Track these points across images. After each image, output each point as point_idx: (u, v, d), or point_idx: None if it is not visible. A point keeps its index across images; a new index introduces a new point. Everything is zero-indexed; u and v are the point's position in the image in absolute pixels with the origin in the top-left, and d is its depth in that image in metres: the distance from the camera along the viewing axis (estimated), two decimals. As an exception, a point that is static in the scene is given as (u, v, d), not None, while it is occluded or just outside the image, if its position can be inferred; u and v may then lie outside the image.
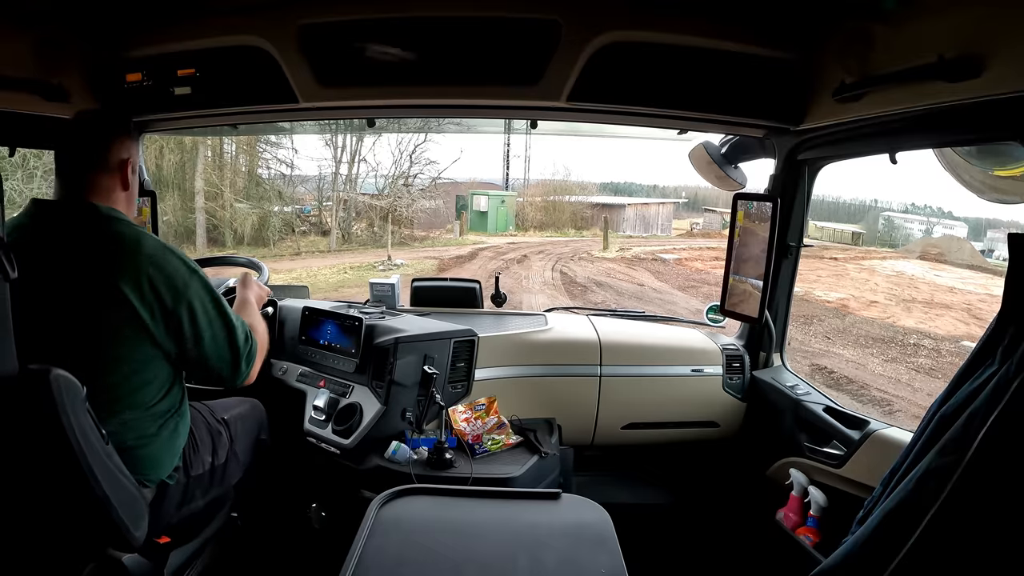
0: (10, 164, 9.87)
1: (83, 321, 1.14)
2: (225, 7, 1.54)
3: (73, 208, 1.20)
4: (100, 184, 1.22)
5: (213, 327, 1.25)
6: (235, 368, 1.30)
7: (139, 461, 1.21)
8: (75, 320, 1.14)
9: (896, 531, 0.86)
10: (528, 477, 1.65)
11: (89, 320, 1.14)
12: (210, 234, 14.53)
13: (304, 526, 1.78)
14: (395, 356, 1.74)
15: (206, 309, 1.23)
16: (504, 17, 1.48)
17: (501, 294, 2.30)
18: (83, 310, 1.14)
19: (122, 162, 1.25)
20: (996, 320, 0.90)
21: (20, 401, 0.99)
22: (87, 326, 1.14)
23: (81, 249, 1.16)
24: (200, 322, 1.22)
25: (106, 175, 1.23)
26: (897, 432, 1.50)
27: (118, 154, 1.24)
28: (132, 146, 1.29)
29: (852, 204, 23.49)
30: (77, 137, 1.24)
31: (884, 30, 1.22)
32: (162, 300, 1.17)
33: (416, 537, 1.00)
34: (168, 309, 1.18)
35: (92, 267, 1.14)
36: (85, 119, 1.27)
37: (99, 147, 1.23)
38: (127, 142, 1.27)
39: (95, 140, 1.23)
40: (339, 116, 1.99)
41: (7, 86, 1.40)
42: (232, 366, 1.29)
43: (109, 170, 1.23)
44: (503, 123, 3.63)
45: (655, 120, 1.70)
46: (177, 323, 1.20)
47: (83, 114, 1.30)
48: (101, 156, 1.22)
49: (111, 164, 1.23)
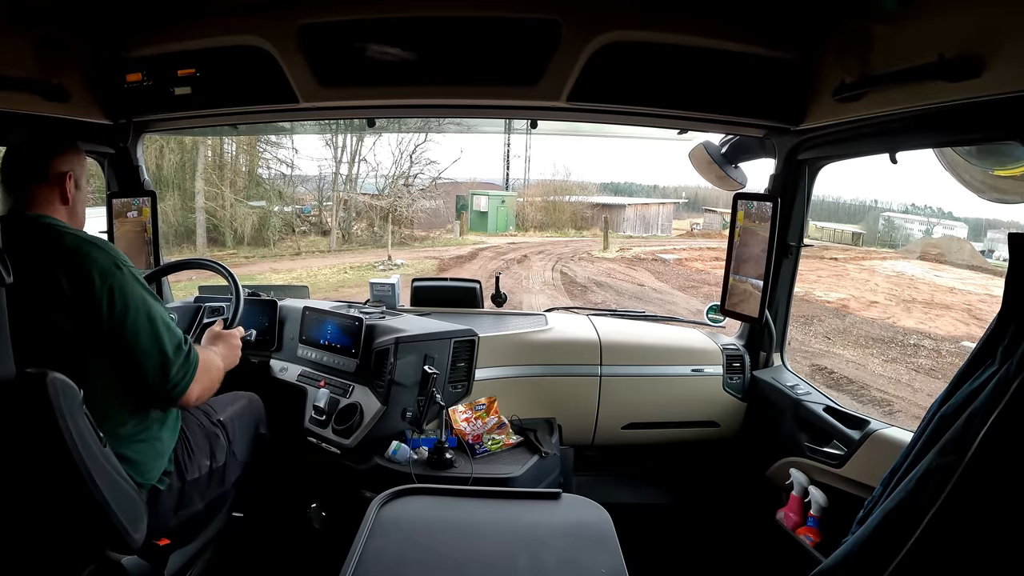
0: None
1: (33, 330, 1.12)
2: (225, 7, 1.54)
3: (17, 222, 1.21)
4: (40, 196, 1.24)
5: (137, 319, 1.18)
6: (163, 372, 1.20)
7: (122, 463, 1.19)
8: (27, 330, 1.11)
9: (896, 531, 0.86)
10: (528, 477, 1.65)
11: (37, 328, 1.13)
12: (210, 234, 14.54)
13: (304, 526, 1.78)
14: (395, 356, 1.74)
15: (129, 299, 1.18)
16: (504, 17, 1.48)
17: (501, 294, 2.30)
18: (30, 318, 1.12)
19: (61, 175, 1.26)
20: (996, 320, 0.90)
21: (18, 404, 0.99)
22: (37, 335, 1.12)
23: (22, 259, 1.13)
24: (117, 309, 1.16)
25: (45, 188, 1.25)
26: (897, 432, 1.50)
27: (57, 167, 1.26)
28: (75, 160, 1.30)
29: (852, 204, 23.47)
30: (19, 151, 1.28)
31: (884, 30, 1.22)
32: (84, 291, 1.15)
33: (416, 537, 1.00)
34: (90, 300, 1.15)
35: (38, 275, 1.14)
36: (29, 135, 1.31)
37: (38, 161, 1.25)
38: (69, 157, 1.29)
39: (35, 154, 1.26)
40: (339, 116, 1.99)
41: (7, 86, 1.40)
42: (159, 369, 1.20)
43: (48, 183, 1.25)
44: (503, 123, 3.62)
45: (655, 120, 1.70)
46: (96, 310, 1.15)
47: (29, 129, 1.33)
48: (40, 170, 1.25)
49: (50, 177, 1.25)
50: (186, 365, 1.24)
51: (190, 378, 1.25)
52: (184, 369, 1.24)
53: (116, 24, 1.60)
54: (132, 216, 2.03)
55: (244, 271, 11.60)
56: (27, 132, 1.32)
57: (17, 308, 1.08)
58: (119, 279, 1.18)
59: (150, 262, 2.05)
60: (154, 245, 2.06)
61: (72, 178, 1.28)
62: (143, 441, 1.26)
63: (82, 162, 1.33)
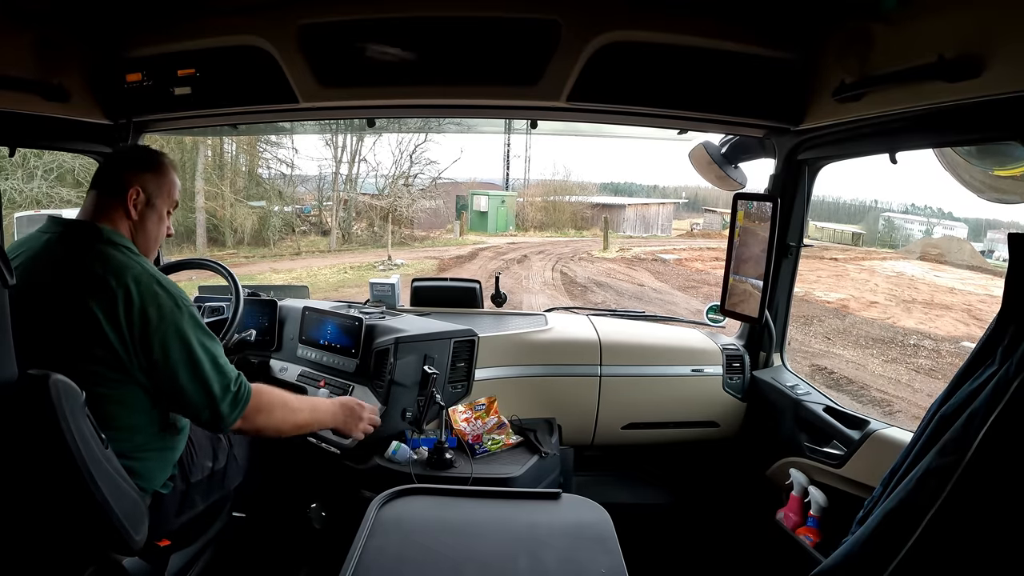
0: (10, 164, 9.89)
1: (63, 334, 1.14)
2: (225, 7, 1.54)
3: (78, 226, 1.25)
4: (108, 209, 1.28)
5: (190, 366, 1.20)
6: (214, 413, 1.24)
7: (129, 472, 1.19)
8: (58, 332, 1.14)
9: (896, 531, 0.86)
10: (528, 477, 1.65)
11: (67, 334, 1.14)
12: (210, 234, 14.54)
13: (304, 526, 1.78)
14: (395, 356, 1.74)
15: (185, 345, 1.20)
16: (504, 17, 1.48)
17: (501, 294, 2.30)
18: (62, 323, 1.14)
19: (130, 190, 1.28)
20: (996, 320, 0.90)
21: (20, 406, 0.99)
22: (66, 339, 1.14)
23: (69, 264, 1.18)
24: (174, 358, 1.18)
25: (114, 201, 1.28)
26: (897, 432, 1.50)
27: (128, 183, 1.28)
28: (148, 178, 1.31)
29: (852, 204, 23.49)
30: (104, 164, 1.34)
31: (884, 30, 1.22)
32: (135, 330, 1.15)
33: (416, 537, 1.00)
34: (142, 340, 1.16)
35: (72, 283, 1.15)
36: (117, 150, 1.39)
37: (114, 175, 1.30)
38: (143, 175, 1.30)
39: (111, 169, 1.32)
40: (339, 116, 1.99)
41: (7, 86, 1.40)
42: (210, 411, 1.23)
43: (116, 197, 1.28)
44: (503, 123, 3.62)
45: (655, 120, 1.70)
46: (149, 355, 1.17)
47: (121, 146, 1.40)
48: (113, 184, 1.29)
49: (119, 191, 1.28)
50: (234, 403, 1.26)
51: (238, 413, 1.26)
52: (232, 407, 1.25)
53: (116, 24, 1.60)
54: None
55: (244, 271, 11.60)
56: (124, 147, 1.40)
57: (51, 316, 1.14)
58: (177, 323, 1.19)
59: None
60: (154, 245, 2.06)
61: (140, 193, 1.29)
62: (157, 451, 1.27)
63: (159, 181, 1.33)
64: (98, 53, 1.61)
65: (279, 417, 1.36)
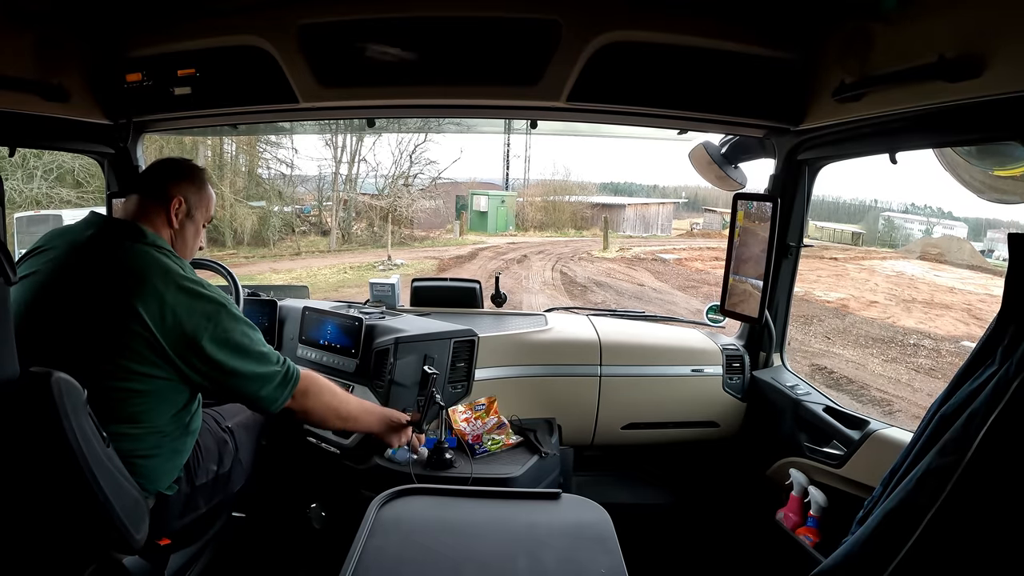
0: (10, 164, 9.88)
1: (98, 327, 1.15)
2: (225, 7, 1.54)
3: (123, 225, 1.29)
4: (150, 214, 1.32)
5: (238, 358, 1.24)
6: (266, 397, 1.28)
7: (135, 472, 1.20)
8: (92, 324, 1.16)
9: (896, 531, 0.86)
10: (528, 477, 1.65)
11: (103, 327, 1.15)
12: (210, 234, 14.36)
13: (304, 526, 1.78)
14: (395, 356, 1.74)
15: (230, 341, 1.23)
16: (504, 17, 1.48)
17: (501, 294, 2.30)
18: (100, 316, 1.16)
19: (171, 198, 1.33)
20: (996, 320, 0.90)
21: (21, 404, 0.99)
22: (100, 332, 1.15)
23: (114, 260, 1.20)
24: (220, 355, 1.22)
25: (157, 207, 1.33)
26: (897, 432, 1.50)
27: (171, 192, 1.34)
28: (190, 189, 1.36)
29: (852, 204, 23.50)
30: (148, 170, 1.41)
31: (884, 30, 1.22)
32: (181, 329, 1.18)
33: (416, 537, 1.00)
34: (188, 339, 1.19)
35: (115, 279, 1.17)
36: (163, 159, 1.43)
37: (158, 182, 1.35)
38: (184, 184, 1.36)
39: (156, 176, 1.37)
40: (339, 116, 1.99)
41: (7, 86, 1.39)
42: (262, 394, 1.28)
43: (160, 203, 1.33)
44: (503, 123, 3.62)
45: (655, 120, 1.70)
46: (197, 354, 1.20)
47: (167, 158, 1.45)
48: (157, 190, 1.34)
49: (163, 199, 1.33)
50: (283, 384, 1.30)
51: (288, 393, 1.31)
52: (281, 388, 1.29)
53: (116, 24, 1.59)
54: (132, 216, 2.03)
55: (244, 271, 11.60)
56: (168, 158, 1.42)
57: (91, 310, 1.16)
58: (220, 319, 1.23)
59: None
60: (154, 245, 2.06)
61: (183, 204, 1.34)
62: (164, 451, 1.27)
63: (200, 194, 1.39)
64: (98, 53, 1.61)
65: (326, 402, 1.39)
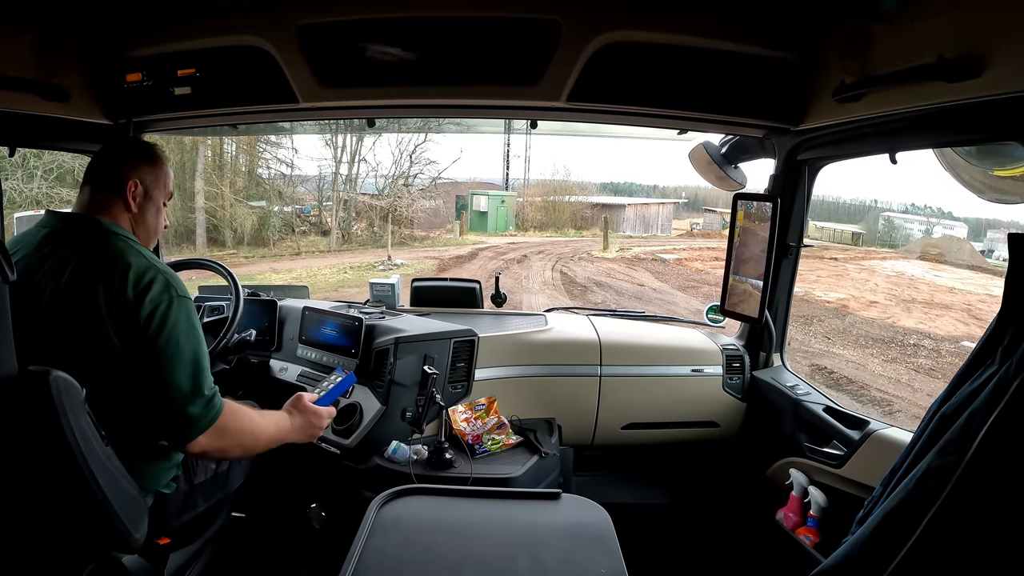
0: (10, 164, 9.88)
1: (70, 329, 1.14)
2: (225, 7, 1.54)
3: (76, 219, 1.25)
4: (106, 202, 1.27)
5: (178, 353, 1.16)
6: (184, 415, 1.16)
7: (133, 471, 1.19)
8: (64, 328, 1.14)
9: (896, 531, 0.86)
10: (528, 477, 1.65)
11: (75, 329, 1.13)
12: (210, 234, 14.53)
13: (304, 526, 1.78)
14: (395, 356, 1.74)
15: (176, 334, 1.16)
16: (504, 17, 1.48)
17: (501, 294, 2.30)
18: (70, 318, 1.13)
19: (127, 182, 1.27)
20: (996, 320, 0.90)
21: (20, 402, 0.99)
22: (73, 334, 1.14)
23: (72, 257, 1.17)
24: (161, 342, 1.14)
25: (113, 194, 1.27)
26: (897, 432, 1.50)
27: (126, 176, 1.28)
28: (146, 170, 1.31)
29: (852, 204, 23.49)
30: (99, 155, 1.33)
31: (884, 30, 1.22)
32: (133, 308, 1.13)
33: (416, 537, 1.00)
34: (137, 318, 1.14)
35: (77, 275, 1.15)
36: (110, 144, 1.36)
37: (109, 167, 1.29)
38: (139, 165, 1.30)
39: (107, 163, 1.30)
40: (339, 116, 1.99)
41: (7, 86, 1.39)
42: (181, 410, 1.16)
43: (115, 190, 1.27)
44: (503, 123, 3.62)
45: (655, 120, 1.70)
46: (140, 334, 1.14)
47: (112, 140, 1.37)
48: (111, 176, 1.28)
49: (117, 185, 1.27)
50: (206, 411, 1.18)
51: (205, 424, 1.18)
52: (204, 413, 1.18)
53: (116, 24, 1.59)
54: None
55: (244, 271, 11.60)
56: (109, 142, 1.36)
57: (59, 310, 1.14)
58: (176, 307, 1.17)
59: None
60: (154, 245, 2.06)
61: (139, 187, 1.29)
62: (161, 451, 1.26)
63: (156, 173, 1.33)
64: (98, 53, 1.61)
65: (242, 442, 1.28)
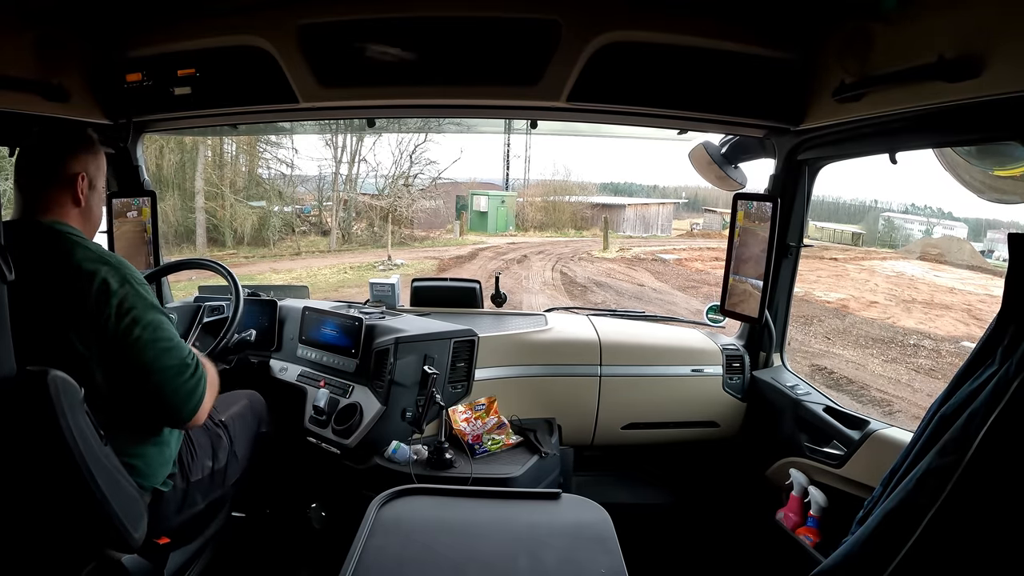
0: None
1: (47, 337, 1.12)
2: (225, 7, 1.54)
3: (28, 228, 1.17)
4: (51, 200, 1.19)
5: (143, 336, 1.15)
6: (183, 397, 1.18)
7: (129, 470, 1.19)
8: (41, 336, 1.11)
9: (896, 531, 0.86)
10: (528, 477, 1.65)
11: (52, 336, 1.12)
12: (210, 234, 14.54)
13: (304, 526, 1.78)
14: (395, 356, 1.74)
15: (137, 316, 1.14)
16: (504, 17, 1.48)
17: (501, 294, 2.30)
18: (45, 326, 1.11)
19: (73, 176, 1.20)
20: (996, 320, 0.90)
21: (18, 402, 0.99)
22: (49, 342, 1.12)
23: (34, 271, 1.10)
24: (123, 326, 1.13)
25: (57, 190, 1.19)
26: (897, 432, 1.50)
27: (70, 168, 1.20)
28: (89, 160, 1.25)
29: (852, 204, 23.50)
30: (31, 151, 1.22)
31: (884, 30, 1.22)
32: (108, 322, 1.12)
33: (416, 537, 1.00)
34: (99, 317, 1.12)
35: (38, 284, 1.10)
36: (41, 132, 1.24)
37: (50, 162, 1.20)
38: (82, 156, 1.23)
39: (46, 155, 1.21)
40: (339, 116, 1.99)
41: (7, 86, 1.39)
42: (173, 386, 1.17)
43: (60, 185, 1.19)
44: (503, 123, 3.62)
45: (655, 120, 1.70)
46: (103, 327, 1.12)
47: (41, 129, 1.27)
48: (51, 171, 1.19)
49: (62, 179, 1.20)
50: (196, 379, 1.20)
51: (202, 392, 1.21)
52: (196, 383, 1.20)
53: (116, 24, 1.60)
54: (132, 216, 2.03)
55: (244, 271, 11.60)
56: (40, 131, 1.25)
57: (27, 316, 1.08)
58: (128, 295, 1.15)
59: (150, 262, 2.05)
60: (154, 245, 2.06)
61: (85, 179, 1.22)
62: (152, 445, 1.26)
63: (98, 161, 1.27)
64: (98, 53, 1.61)
65: (215, 395, 1.29)
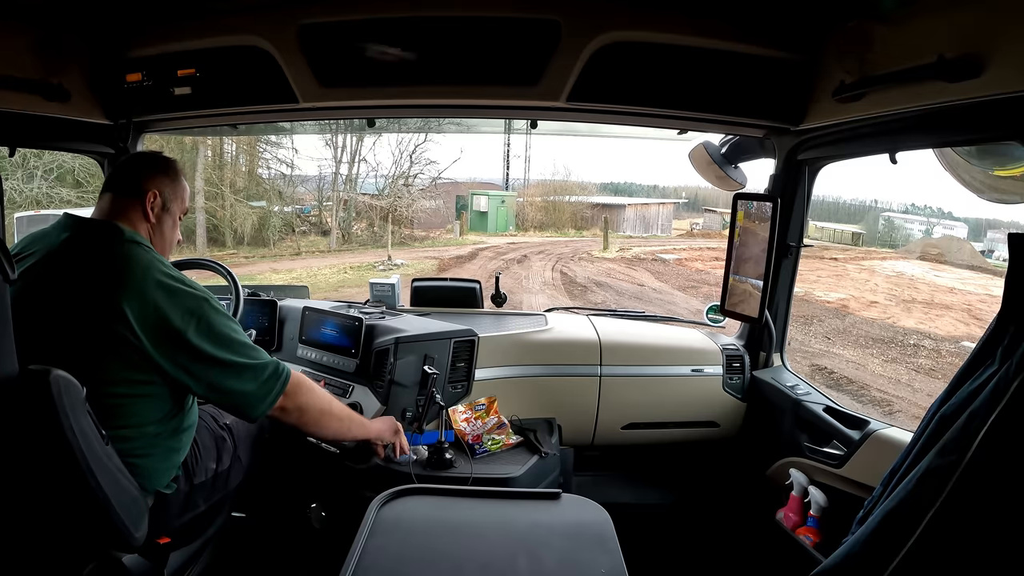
0: (10, 164, 9.89)
1: (84, 331, 1.15)
2: (225, 7, 1.54)
3: (98, 225, 1.27)
4: (126, 210, 1.31)
5: (224, 351, 1.22)
6: (257, 395, 1.27)
7: (132, 471, 1.19)
8: (78, 329, 1.15)
9: (896, 531, 0.86)
10: (528, 477, 1.65)
11: (89, 331, 1.14)
12: (210, 234, 14.54)
13: (304, 526, 1.78)
14: (395, 356, 1.74)
15: (215, 333, 1.22)
16: (504, 17, 1.48)
17: (501, 294, 2.30)
18: (85, 320, 1.15)
19: (148, 193, 1.32)
20: (996, 320, 0.91)
21: (20, 401, 0.99)
22: (87, 336, 1.14)
23: (94, 262, 1.19)
24: (207, 347, 1.20)
25: (133, 203, 1.31)
26: (897, 432, 1.50)
27: (146, 186, 1.32)
28: (164, 182, 1.35)
29: (852, 204, 23.52)
30: (119, 167, 1.38)
31: (884, 30, 1.22)
32: (166, 325, 1.17)
33: (416, 537, 1.00)
34: (173, 334, 1.17)
35: (99, 281, 1.16)
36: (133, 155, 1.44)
37: (132, 177, 1.33)
38: (159, 177, 1.35)
39: (129, 171, 1.35)
40: (339, 116, 1.99)
41: (7, 86, 1.40)
42: (253, 394, 1.26)
43: (135, 199, 1.31)
44: (503, 123, 3.62)
45: (655, 120, 1.70)
46: (185, 348, 1.18)
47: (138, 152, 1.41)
48: (131, 185, 1.32)
49: (138, 194, 1.32)
50: (272, 381, 1.28)
51: (278, 392, 1.28)
52: (270, 385, 1.27)
53: (116, 24, 1.60)
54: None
55: (244, 271, 11.60)
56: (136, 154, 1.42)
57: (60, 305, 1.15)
58: (205, 314, 1.21)
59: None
60: (154, 245, 2.06)
61: (158, 197, 1.33)
62: (160, 449, 1.27)
63: (174, 187, 1.38)
64: (98, 53, 1.61)
65: (319, 399, 1.38)
